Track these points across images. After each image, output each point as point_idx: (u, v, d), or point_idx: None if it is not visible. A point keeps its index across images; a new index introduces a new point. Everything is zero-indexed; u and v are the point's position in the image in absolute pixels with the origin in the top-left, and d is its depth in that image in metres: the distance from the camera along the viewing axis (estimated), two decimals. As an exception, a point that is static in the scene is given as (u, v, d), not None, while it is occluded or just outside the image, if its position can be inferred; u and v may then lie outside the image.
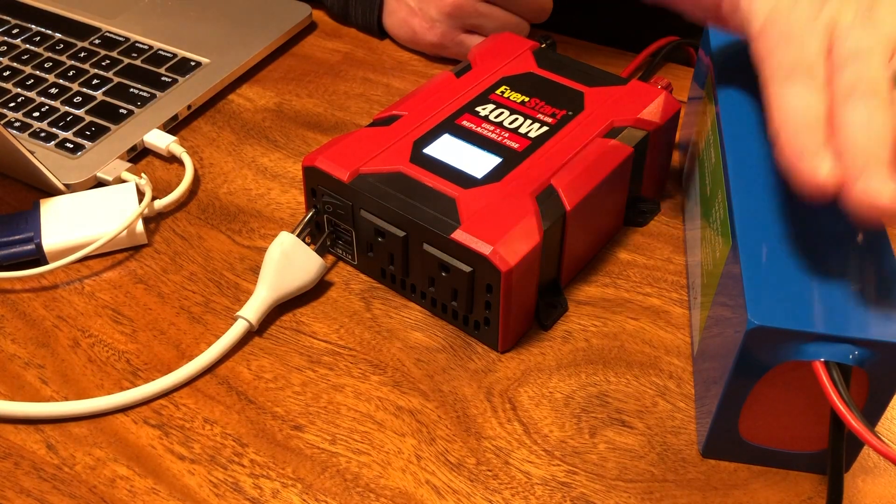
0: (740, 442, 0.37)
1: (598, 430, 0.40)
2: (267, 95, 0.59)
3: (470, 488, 0.38)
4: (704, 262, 0.41)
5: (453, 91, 0.49)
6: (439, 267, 0.41)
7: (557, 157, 0.44)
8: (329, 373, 0.42)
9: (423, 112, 0.47)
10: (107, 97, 0.56)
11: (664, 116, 0.47)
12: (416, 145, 0.45)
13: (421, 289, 0.44)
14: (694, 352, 0.42)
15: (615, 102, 0.47)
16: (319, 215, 0.46)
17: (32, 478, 0.38)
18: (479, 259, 0.39)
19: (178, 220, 0.50)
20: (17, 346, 0.43)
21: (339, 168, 0.43)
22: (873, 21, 0.36)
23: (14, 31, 0.61)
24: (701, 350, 0.40)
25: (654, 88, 0.48)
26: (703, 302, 0.40)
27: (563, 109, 0.47)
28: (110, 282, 0.46)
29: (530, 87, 0.49)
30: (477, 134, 0.46)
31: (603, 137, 0.45)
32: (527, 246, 0.40)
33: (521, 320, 0.43)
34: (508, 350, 0.43)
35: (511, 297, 0.40)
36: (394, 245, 0.43)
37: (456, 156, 0.44)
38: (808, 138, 0.33)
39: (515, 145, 0.45)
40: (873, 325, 0.32)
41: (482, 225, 0.40)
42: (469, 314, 0.42)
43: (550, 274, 0.44)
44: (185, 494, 0.37)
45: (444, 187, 0.42)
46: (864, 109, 0.33)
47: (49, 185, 0.49)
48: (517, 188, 0.42)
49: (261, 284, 0.44)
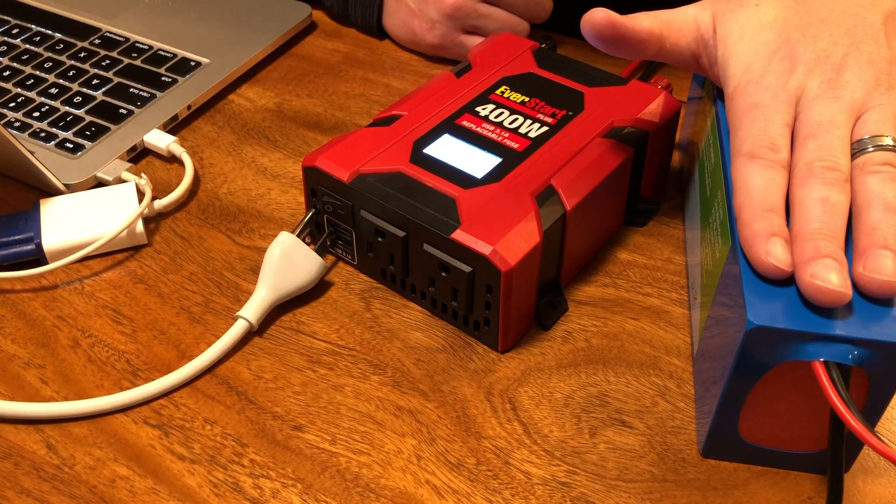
0: (740, 442, 0.37)
1: (598, 430, 0.40)
2: (267, 95, 0.59)
3: (470, 488, 0.38)
4: (704, 262, 0.41)
5: (453, 91, 0.49)
6: (439, 267, 0.41)
7: (557, 158, 0.44)
8: (329, 373, 0.42)
9: (423, 112, 0.47)
10: (107, 97, 0.56)
11: (664, 116, 0.47)
12: (416, 145, 0.45)
13: (421, 289, 0.44)
14: (694, 352, 0.42)
15: (615, 102, 0.47)
16: (319, 215, 0.46)
17: (32, 478, 0.38)
18: (479, 259, 0.39)
19: (178, 220, 0.50)
20: (17, 346, 0.43)
21: (339, 168, 0.43)
22: (838, 88, 0.37)
23: (14, 31, 0.61)
24: (701, 350, 0.40)
25: (653, 88, 0.48)
26: (703, 302, 0.40)
27: (563, 109, 0.47)
28: (110, 282, 0.46)
29: (530, 87, 0.49)
30: (477, 134, 0.46)
31: (603, 137, 0.45)
32: (527, 246, 0.40)
33: (521, 320, 0.43)
34: (508, 350, 0.43)
35: (511, 298, 0.40)
36: (394, 245, 0.43)
37: (456, 156, 0.44)
38: (763, 222, 0.35)
39: (515, 145, 0.45)
40: (873, 325, 0.32)
41: (482, 225, 0.40)
42: (469, 314, 0.42)
43: (550, 274, 0.44)
44: (185, 494, 0.37)
45: (444, 187, 0.42)
46: (819, 190, 0.35)
47: (49, 185, 0.49)
48: (517, 188, 0.42)
49: (261, 284, 0.44)
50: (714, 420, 0.36)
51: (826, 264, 0.33)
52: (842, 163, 0.36)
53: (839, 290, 0.32)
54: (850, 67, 0.37)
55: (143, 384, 0.41)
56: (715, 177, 0.41)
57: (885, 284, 0.33)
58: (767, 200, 0.35)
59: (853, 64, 0.37)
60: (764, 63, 0.39)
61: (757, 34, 0.39)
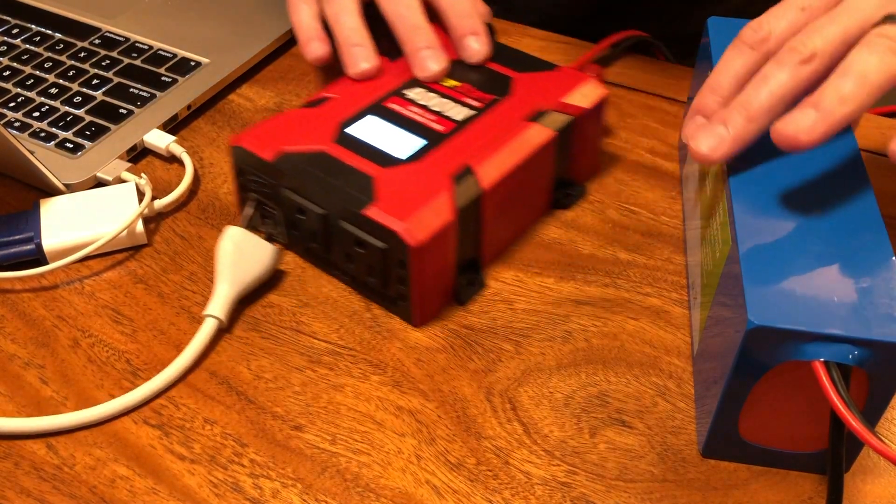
0: (740, 442, 0.37)
1: (598, 430, 0.40)
2: (267, 95, 0.59)
3: (470, 488, 0.38)
4: (704, 262, 0.41)
5: (385, 75, 0.50)
6: (355, 243, 0.42)
7: (479, 140, 0.45)
8: (329, 373, 0.42)
9: (353, 95, 0.48)
10: (107, 97, 0.56)
11: (591, 102, 0.48)
12: (341, 126, 0.46)
13: (342, 265, 0.45)
14: (694, 352, 0.42)
15: (542, 87, 0.48)
16: (246, 192, 0.47)
17: (32, 478, 0.38)
18: (391, 235, 0.40)
19: (178, 220, 0.50)
20: (17, 346, 0.43)
21: (263, 147, 0.44)
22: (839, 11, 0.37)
23: (14, 31, 0.61)
24: (701, 350, 0.40)
25: (581, 74, 0.49)
26: (703, 302, 0.40)
27: (490, 94, 0.48)
28: (110, 282, 0.46)
29: (461, 72, 0.50)
30: (403, 116, 0.46)
31: (527, 121, 0.46)
32: (438, 222, 0.41)
33: (437, 297, 0.44)
34: (424, 325, 0.44)
35: (423, 273, 0.41)
36: (314, 222, 0.44)
37: (379, 137, 0.45)
38: (701, 98, 0.39)
39: (440, 128, 0.46)
40: (873, 325, 0.32)
41: (396, 202, 0.41)
42: (385, 290, 0.43)
43: (469, 253, 0.45)
44: (185, 494, 0.37)
45: (364, 166, 0.43)
46: (767, 68, 0.37)
47: (49, 185, 0.49)
48: (436, 168, 0.43)
49: (221, 281, 0.44)
50: (714, 420, 0.37)
51: (707, 130, 0.37)
52: (811, 45, 0.35)
53: (703, 153, 0.37)
54: None
55: (142, 384, 0.41)
56: (715, 177, 0.41)
57: (788, 138, 0.34)
58: (717, 79, 0.39)
59: None
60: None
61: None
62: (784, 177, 0.39)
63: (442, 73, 0.49)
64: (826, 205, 0.37)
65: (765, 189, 0.38)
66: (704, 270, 0.41)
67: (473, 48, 0.49)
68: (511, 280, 0.46)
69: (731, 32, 0.46)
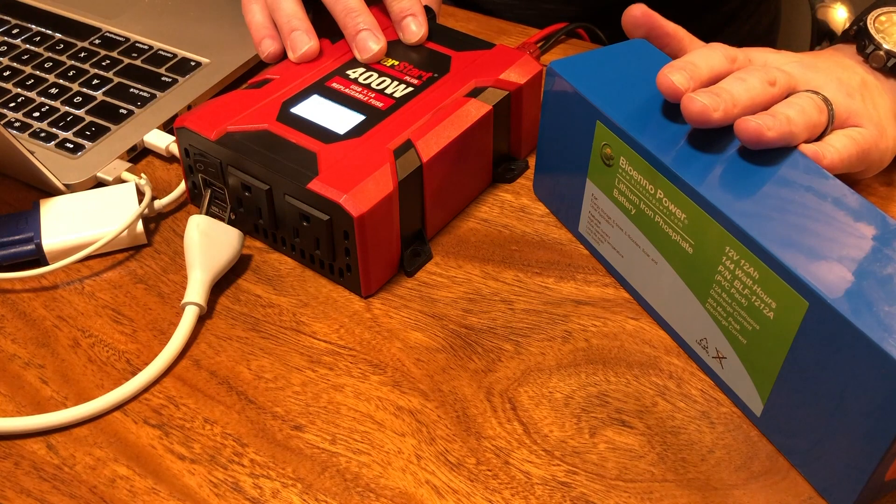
0: (883, 485, 0.36)
1: (598, 430, 0.40)
2: (267, 95, 0.59)
3: (470, 488, 0.38)
4: (724, 319, 0.39)
5: (327, 56, 0.51)
6: (300, 217, 0.43)
7: (418, 115, 0.46)
8: (329, 373, 0.42)
9: (295, 76, 0.50)
10: (107, 97, 0.56)
11: (526, 77, 0.49)
12: (284, 105, 0.47)
13: (289, 241, 0.46)
14: (757, 413, 0.39)
15: (479, 65, 0.50)
16: (193, 174, 0.48)
17: (32, 478, 0.38)
18: (334, 207, 0.41)
19: (178, 220, 0.50)
20: (17, 346, 0.43)
21: (206, 127, 0.46)
22: (810, 69, 0.46)
23: (14, 31, 0.61)
24: (773, 405, 0.38)
25: (517, 52, 0.51)
26: (754, 362, 0.38)
27: (429, 72, 0.49)
28: (110, 282, 0.46)
29: (402, 52, 0.51)
30: (344, 94, 0.48)
31: (464, 97, 0.48)
32: (380, 193, 0.42)
33: (383, 267, 0.45)
34: (371, 296, 0.45)
35: (367, 243, 0.42)
36: (259, 199, 0.45)
37: (321, 114, 0.46)
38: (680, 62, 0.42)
39: (380, 104, 0.47)
40: None
41: (338, 176, 0.42)
42: (333, 262, 0.44)
43: (415, 224, 0.46)
44: (185, 494, 0.37)
45: (307, 143, 0.44)
46: (742, 72, 0.42)
47: (49, 185, 0.49)
48: (376, 143, 0.44)
49: (193, 268, 0.44)
50: (870, 477, 0.34)
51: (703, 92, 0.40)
52: (777, 75, 0.42)
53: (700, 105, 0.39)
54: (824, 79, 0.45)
55: (143, 384, 0.41)
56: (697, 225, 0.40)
57: (753, 130, 0.39)
58: (692, 57, 0.42)
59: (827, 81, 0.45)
60: None
61: None
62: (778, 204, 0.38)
63: (381, 53, 0.50)
64: (830, 214, 0.37)
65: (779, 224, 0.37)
66: (735, 329, 0.38)
67: (411, 29, 0.52)
68: (511, 280, 0.46)
69: (578, 71, 0.44)
